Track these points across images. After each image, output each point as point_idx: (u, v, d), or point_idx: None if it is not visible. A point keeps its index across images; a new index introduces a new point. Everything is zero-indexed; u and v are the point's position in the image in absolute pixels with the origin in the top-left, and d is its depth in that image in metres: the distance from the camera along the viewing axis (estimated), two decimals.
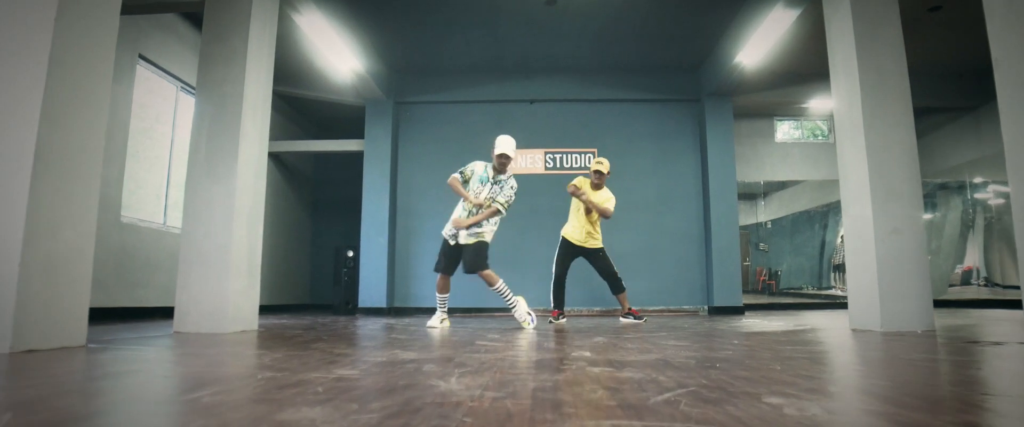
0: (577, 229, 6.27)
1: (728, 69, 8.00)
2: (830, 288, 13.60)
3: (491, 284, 5.35)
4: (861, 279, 4.63)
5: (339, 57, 7.54)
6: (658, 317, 7.64)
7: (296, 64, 8.64)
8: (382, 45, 8.35)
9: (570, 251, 6.31)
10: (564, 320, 6.35)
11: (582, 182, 6.27)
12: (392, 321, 6.59)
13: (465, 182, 5.45)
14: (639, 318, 6.30)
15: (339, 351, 3.02)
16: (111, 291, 6.16)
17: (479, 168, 5.47)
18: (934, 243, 11.28)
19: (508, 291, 5.40)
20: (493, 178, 5.41)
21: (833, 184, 11.71)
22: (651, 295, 8.72)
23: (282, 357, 2.74)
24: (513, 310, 5.41)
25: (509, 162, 5.39)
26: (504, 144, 5.37)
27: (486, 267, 5.35)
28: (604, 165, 6.30)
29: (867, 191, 4.55)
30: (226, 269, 4.49)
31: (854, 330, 4.54)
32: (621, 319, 6.38)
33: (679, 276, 8.82)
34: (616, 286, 6.27)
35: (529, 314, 5.39)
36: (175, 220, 7.25)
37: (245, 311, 4.68)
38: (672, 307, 8.74)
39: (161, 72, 7.06)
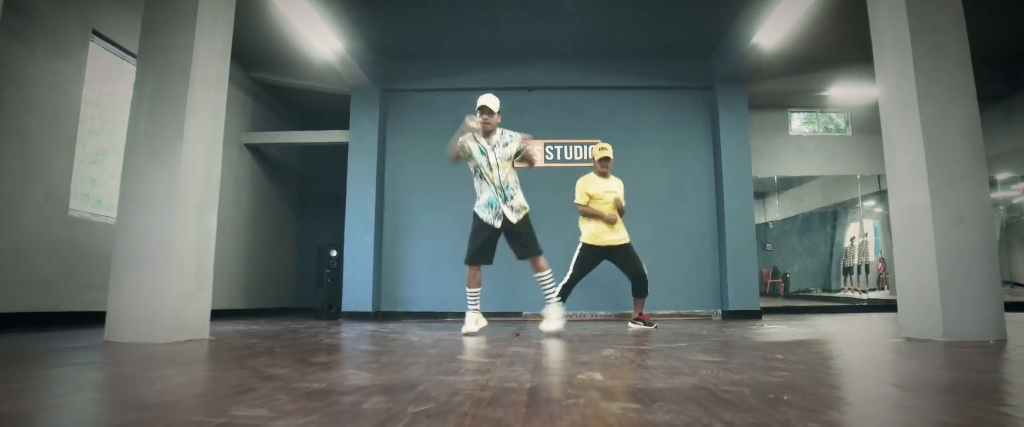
0: (599, 229, 5.57)
1: (743, 52, 7.31)
2: (840, 291, 12.96)
3: (541, 270, 4.75)
4: (915, 279, 3.94)
5: (318, 36, 6.86)
6: (669, 322, 6.94)
7: (274, 48, 7.97)
8: (367, 25, 7.67)
9: (594, 255, 5.58)
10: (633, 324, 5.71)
11: (586, 185, 5.61)
12: (375, 328, 5.91)
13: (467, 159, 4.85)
14: (650, 324, 5.61)
15: (275, 371, 2.33)
16: (58, 293, 5.47)
17: (470, 142, 4.82)
18: None
19: (553, 283, 4.80)
20: (488, 143, 4.78)
21: (847, 180, 11.05)
22: (660, 298, 8.01)
23: (187, 382, 2.06)
24: (547, 306, 4.77)
25: (491, 116, 4.72)
26: (485, 98, 4.76)
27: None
28: (609, 150, 5.65)
29: (922, 174, 3.86)
30: (167, 268, 3.80)
31: (908, 339, 3.84)
32: (631, 324, 5.70)
33: (690, 277, 8.13)
34: (642, 288, 5.57)
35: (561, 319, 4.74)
36: None
37: (191, 318, 3.98)
38: (683, 311, 8.04)
39: (120, 51, 6.38)
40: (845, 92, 9.14)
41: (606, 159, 5.59)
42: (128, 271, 3.80)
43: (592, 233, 5.56)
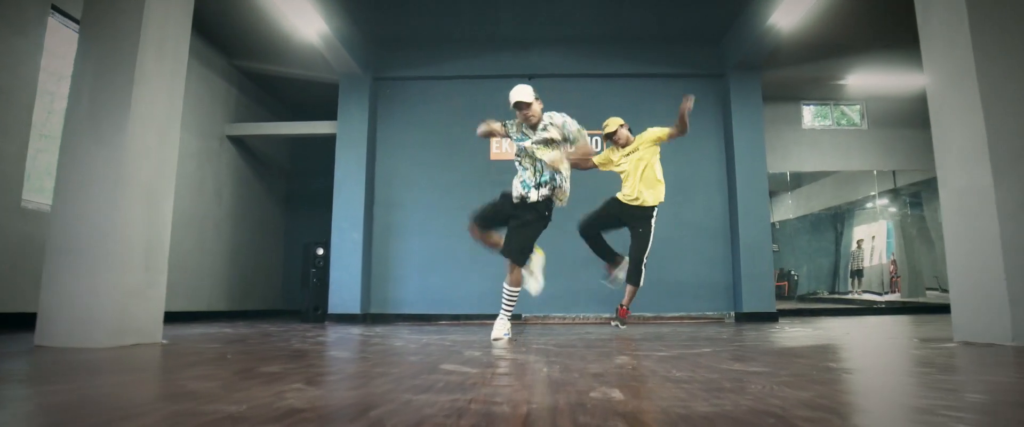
0: (623, 187, 5.51)
1: (759, 34, 6.79)
2: (848, 293, 12.44)
3: (513, 283, 4.30)
4: (973, 274, 3.42)
5: (303, 19, 6.35)
6: (679, 325, 6.42)
7: (257, 33, 7.44)
8: (356, 7, 7.16)
9: (614, 208, 5.46)
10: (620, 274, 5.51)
11: (604, 158, 5.55)
12: (360, 331, 5.39)
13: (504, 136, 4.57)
14: (623, 324, 5.36)
15: (199, 386, 1.81)
16: (10, 291, 4.95)
17: (510, 128, 4.53)
18: None
19: (512, 302, 4.36)
20: (531, 129, 4.40)
21: (862, 177, 10.52)
22: (669, 299, 7.49)
23: (74, 401, 1.53)
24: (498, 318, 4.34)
25: (528, 109, 4.31)
26: (514, 93, 4.33)
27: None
28: (612, 124, 5.63)
29: (983, 153, 3.33)
30: (108, 261, 3.28)
31: (966, 344, 3.31)
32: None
33: (700, 277, 7.59)
34: (635, 275, 5.34)
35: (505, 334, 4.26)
36: None
37: (139, 319, 3.46)
38: (693, 313, 7.51)
39: None
40: (863, 80, 8.64)
41: (607, 136, 5.33)
42: (62, 265, 3.28)
43: (624, 190, 5.50)
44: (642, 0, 7.13)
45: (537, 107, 4.33)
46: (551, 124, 4.35)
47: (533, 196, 4.28)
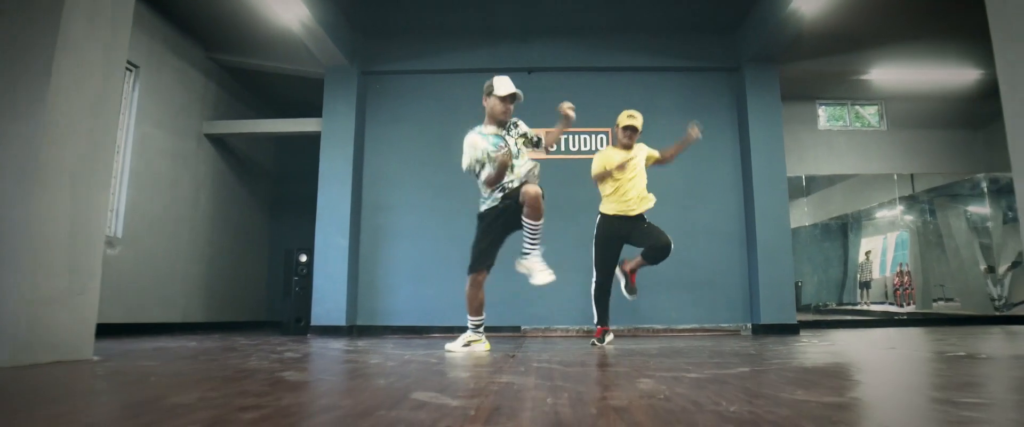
0: (620, 197, 4.69)
1: (780, 20, 6.25)
2: (856, 304, 11.87)
3: (534, 218, 3.79)
4: None
5: (281, 2, 5.82)
6: (694, 338, 5.84)
7: (236, 22, 6.91)
8: None
9: (614, 232, 4.69)
10: (611, 339, 4.79)
11: (606, 159, 4.74)
12: (342, 345, 4.80)
13: (482, 166, 3.96)
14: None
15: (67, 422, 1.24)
16: None
17: (478, 140, 3.96)
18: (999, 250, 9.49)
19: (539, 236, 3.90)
20: (501, 128, 4.09)
21: (881, 181, 9.96)
22: (680, 310, 6.91)
23: None
24: (526, 257, 3.90)
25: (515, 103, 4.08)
26: (506, 83, 4.03)
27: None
28: (638, 118, 4.82)
29: None
30: (15, 262, 2.70)
31: None
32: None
33: (715, 286, 7.01)
34: (660, 254, 4.64)
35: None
36: None
37: (61, 331, 2.88)
38: (707, 324, 6.92)
39: None
40: (886, 75, 8.08)
41: (631, 129, 4.67)
42: None
43: (610, 204, 4.73)
44: None
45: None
46: (516, 123, 4.16)
47: (517, 183, 3.93)
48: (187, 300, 7.28)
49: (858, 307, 11.37)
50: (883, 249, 10.97)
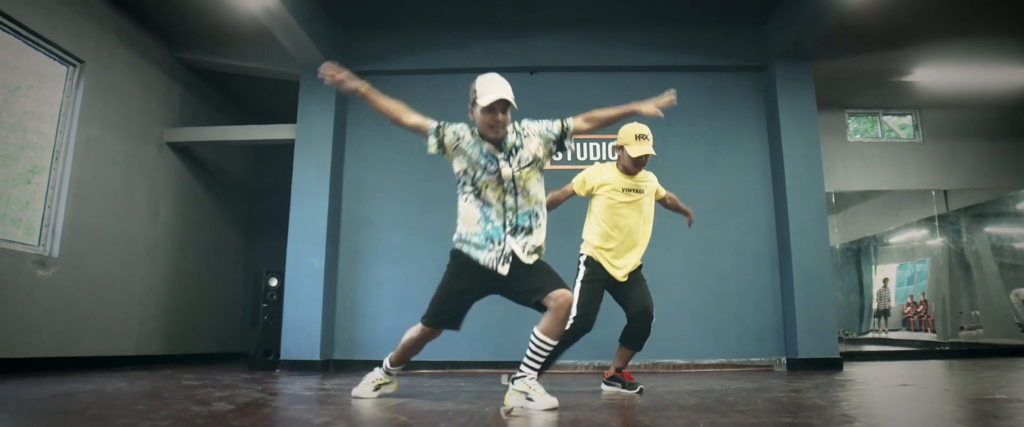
0: (621, 246, 3.65)
1: (815, 11, 5.45)
2: (874, 331, 10.99)
3: (559, 322, 2.87)
4: None
5: None
6: (722, 376, 4.94)
7: (200, 15, 6.11)
8: None
9: (604, 283, 3.65)
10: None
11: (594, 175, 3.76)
12: (305, 386, 3.92)
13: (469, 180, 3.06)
14: (632, 385, 3.60)
15: None
16: None
17: (466, 135, 3.05)
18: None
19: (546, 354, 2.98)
20: (494, 146, 3.00)
21: (917, 197, 9.10)
22: (704, 342, 6.01)
23: None
24: (516, 379, 2.94)
25: (507, 113, 2.93)
26: (498, 85, 2.92)
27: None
28: (649, 141, 3.73)
29: None
30: None
31: None
32: (604, 385, 3.77)
33: (744, 314, 6.11)
34: (642, 334, 3.63)
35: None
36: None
37: None
38: (735, 359, 6.01)
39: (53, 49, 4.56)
40: (928, 75, 7.29)
41: (646, 158, 3.66)
42: None
43: (601, 249, 3.65)
44: None
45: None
46: (527, 134, 3.03)
47: (526, 259, 2.95)
48: (140, 329, 6.37)
49: (888, 336, 10.49)
50: (909, 277, 10.08)
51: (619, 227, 3.62)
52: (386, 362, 3.39)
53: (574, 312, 3.37)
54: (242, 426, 2.19)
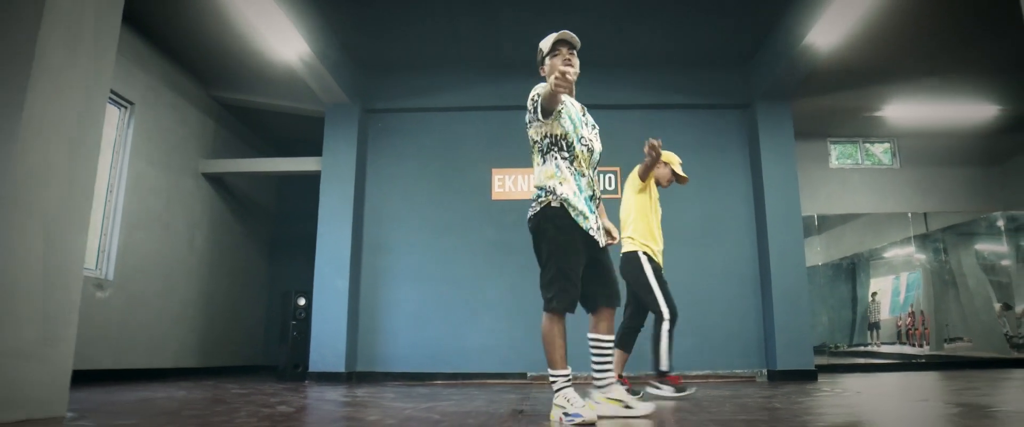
0: (658, 234, 4.64)
1: (794, 55, 6.08)
2: (866, 345, 11.52)
3: (610, 332, 2.90)
4: None
5: (281, 38, 5.67)
6: (708, 386, 5.54)
7: (236, 59, 6.78)
8: (342, 30, 6.50)
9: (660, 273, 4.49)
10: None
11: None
12: (335, 397, 4.52)
13: (556, 141, 2.85)
14: (683, 390, 4.29)
15: None
16: None
17: (565, 102, 2.91)
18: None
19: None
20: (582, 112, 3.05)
21: (894, 220, 9.71)
22: (693, 355, 6.59)
23: None
24: (604, 388, 2.93)
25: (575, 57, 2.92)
26: (553, 34, 2.94)
27: None
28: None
29: None
30: None
31: None
32: (649, 390, 4.38)
33: (729, 330, 6.72)
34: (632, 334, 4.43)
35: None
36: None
37: (33, 386, 2.63)
38: (721, 371, 6.62)
39: None
40: (899, 111, 7.94)
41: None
42: None
43: (653, 239, 4.55)
44: (657, 20, 6.45)
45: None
46: (592, 124, 3.14)
47: (601, 241, 2.87)
48: (179, 344, 6.99)
49: (870, 348, 11.02)
50: (895, 289, 10.65)
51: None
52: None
53: (666, 314, 4.11)
54: (311, 422, 2.81)
